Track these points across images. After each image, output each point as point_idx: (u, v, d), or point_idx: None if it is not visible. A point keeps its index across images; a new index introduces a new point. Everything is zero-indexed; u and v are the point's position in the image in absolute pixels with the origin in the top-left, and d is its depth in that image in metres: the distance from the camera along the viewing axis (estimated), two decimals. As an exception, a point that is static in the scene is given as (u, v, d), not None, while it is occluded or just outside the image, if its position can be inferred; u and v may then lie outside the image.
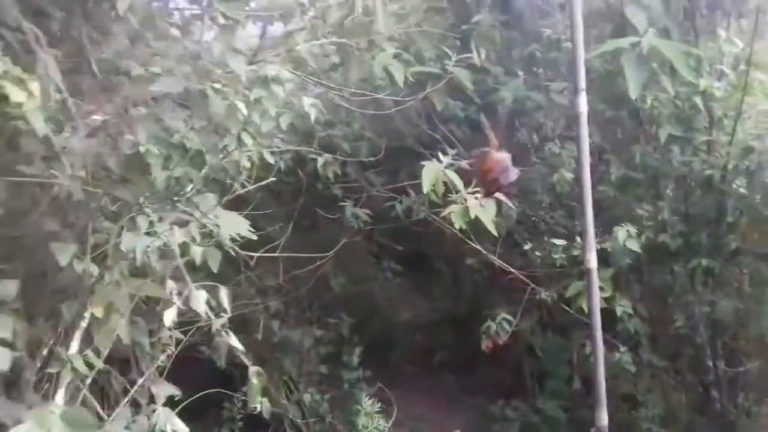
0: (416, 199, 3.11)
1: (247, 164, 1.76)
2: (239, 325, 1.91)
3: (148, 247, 1.48)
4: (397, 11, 2.67)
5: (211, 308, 1.74)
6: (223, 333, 1.64)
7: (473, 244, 3.09)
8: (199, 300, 1.66)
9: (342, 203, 3.20)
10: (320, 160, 2.82)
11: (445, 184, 2.60)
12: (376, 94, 2.64)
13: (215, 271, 1.80)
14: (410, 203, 3.15)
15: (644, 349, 3.14)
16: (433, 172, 2.50)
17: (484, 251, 3.12)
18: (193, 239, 1.54)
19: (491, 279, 3.75)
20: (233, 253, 2.09)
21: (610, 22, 2.76)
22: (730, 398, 3.14)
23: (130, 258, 1.53)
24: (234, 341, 1.66)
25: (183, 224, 1.58)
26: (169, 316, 1.59)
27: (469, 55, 2.67)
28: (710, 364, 3.09)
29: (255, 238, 1.94)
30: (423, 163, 2.53)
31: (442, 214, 2.65)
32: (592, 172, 1.84)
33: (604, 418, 1.90)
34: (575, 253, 2.88)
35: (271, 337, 3.35)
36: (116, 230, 1.65)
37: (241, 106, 1.46)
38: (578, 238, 2.83)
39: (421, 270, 4.23)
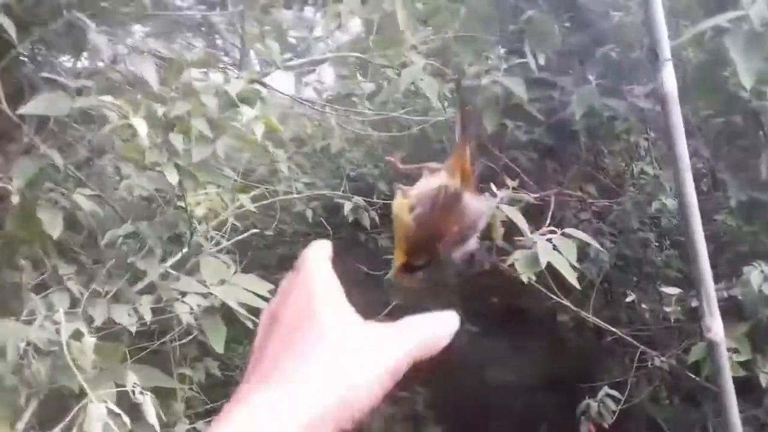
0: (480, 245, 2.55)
1: (201, 212, 1.29)
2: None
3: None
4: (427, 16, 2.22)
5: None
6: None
7: (560, 299, 2.50)
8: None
9: (388, 256, 2.70)
10: (347, 205, 2.36)
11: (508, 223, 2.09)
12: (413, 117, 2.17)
13: (220, 351, 1.47)
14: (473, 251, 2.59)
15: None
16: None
17: (572, 307, 2.51)
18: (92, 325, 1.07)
19: (592, 337, 3.15)
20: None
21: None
22: None
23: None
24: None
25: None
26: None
27: (522, 60, 2.16)
28: None
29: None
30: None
31: (507, 263, 2.12)
32: (705, 199, 1.30)
33: None
34: (695, 304, 2.23)
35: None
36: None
37: (139, 123, 1.00)
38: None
39: (504, 329, 3.65)
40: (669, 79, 1.23)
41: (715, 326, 1.26)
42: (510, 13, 2.54)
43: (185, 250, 1.38)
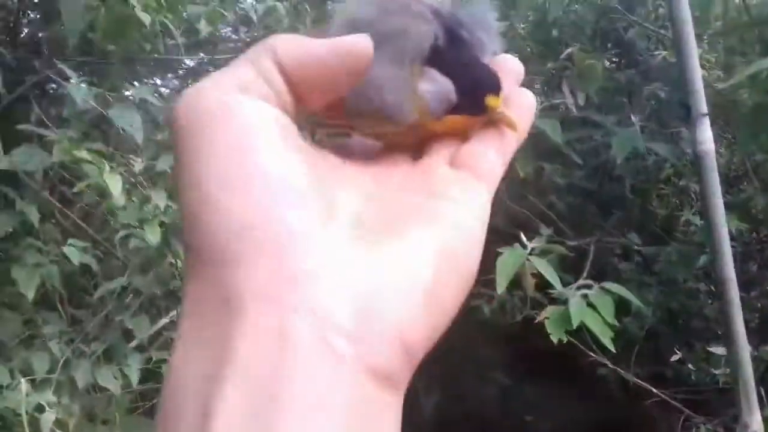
0: (511, 296, 2.43)
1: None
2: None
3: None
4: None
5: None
6: None
7: (597, 356, 2.34)
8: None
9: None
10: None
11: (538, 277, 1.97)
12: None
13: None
14: (504, 301, 2.47)
15: None
16: (512, 263, 1.85)
17: (610, 364, 2.36)
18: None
19: (634, 395, 2.96)
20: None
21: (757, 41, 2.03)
22: None
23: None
24: None
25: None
26: None
27: (559, 101, 2.04)
28: None
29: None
30: (500, 250, 1.90)
31: (537, 320, 1.99)
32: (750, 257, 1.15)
33: None
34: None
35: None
36: None
37: (112, 181, 0.93)
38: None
39: (540, 380, 3.47)
40: (705, 136, 1.10)
41: (755, 424, 1.11)
42: (551, 49, 2.43)
43: (179, 307, 1.31)
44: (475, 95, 0.34)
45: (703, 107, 1.11)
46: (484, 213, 0.32)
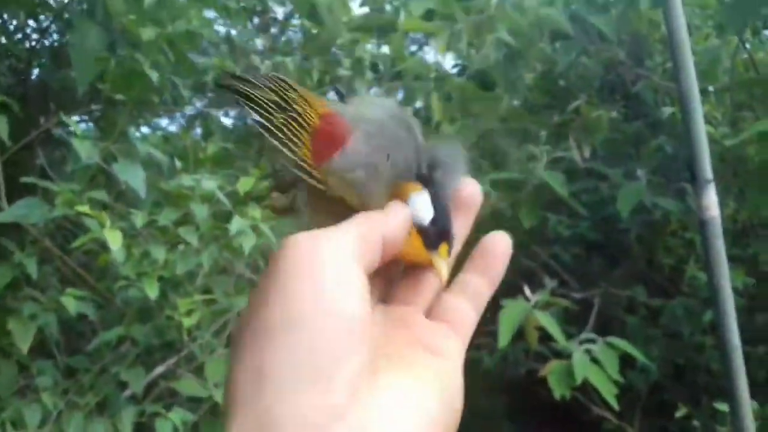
0: (514, 348, 2.40)
1: (193, 320, 1.20)
2: None
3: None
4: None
5: None
6: None
7: (601, 411, 2.31)
8: None
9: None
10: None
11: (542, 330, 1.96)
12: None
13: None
14: (507, 353, 2.44)
15: None
16: (515, 317, 1.84)
17: (614, 420, 2.32)
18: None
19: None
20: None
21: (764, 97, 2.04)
22: None
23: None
24: None
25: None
26: None
27: (564, 154, 2.04)
28: None
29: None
30: (502, 302, 1.89)
31: (540, 374, 1.97)
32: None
33: None
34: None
35: None
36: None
37: (112, 236, 0.93)
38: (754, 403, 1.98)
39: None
40: (710, 202, 1.09)
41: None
42: (558, 100, 2.44)
43: (175, 358, 1.30)
44: (438, 235, 0.39)
45: (708, 174, 1.11)
46: (461, 364, 0.37)
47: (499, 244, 0.41)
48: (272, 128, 0.42)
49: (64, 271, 1.37)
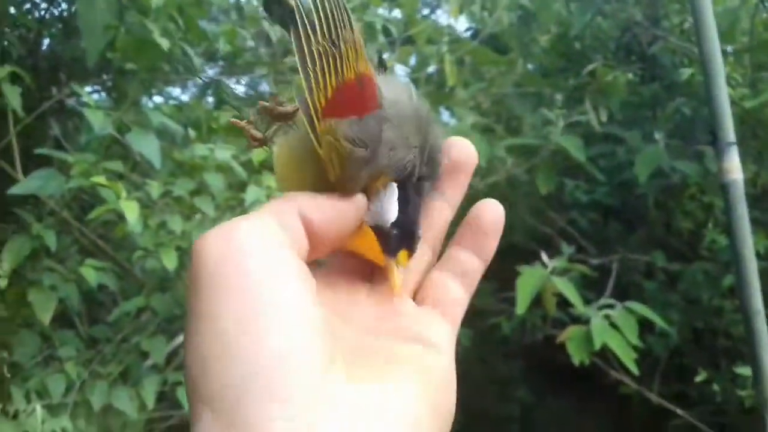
0: (531, 314, 2.39)
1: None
2: None
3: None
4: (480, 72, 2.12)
5: None
6: None
7: (617, 374, 2.31)
8: None
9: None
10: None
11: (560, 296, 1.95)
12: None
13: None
14: (525, 319, 2.44)
15: None
16: (532, 283, 1.83)
17: (633, 384, 2.32)
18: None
19: (659, 415, 2.89)
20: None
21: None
22: None
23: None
24: None
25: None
26: None
27: (580, 118, 2.01)
28: None
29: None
30: (519, 268, 1.88)
31: (558, 340, 1.96)
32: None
33: None
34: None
35: None
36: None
37: (128, 207, 0.93)
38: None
39: (563, 396, 3.42)
40: (733, 165, 1.07)
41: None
42: (572, 64, 2.40)
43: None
44: (399, 239, 0.36)
45: (731, 136, 1.08)
46: (452, 352, 0.35)
47: (491, 215, 0.37)
48: (306, 52, 0.36)
49: (82, 242, 1.38)
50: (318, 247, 0.33)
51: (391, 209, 0.36)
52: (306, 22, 0.37)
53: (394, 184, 0.36)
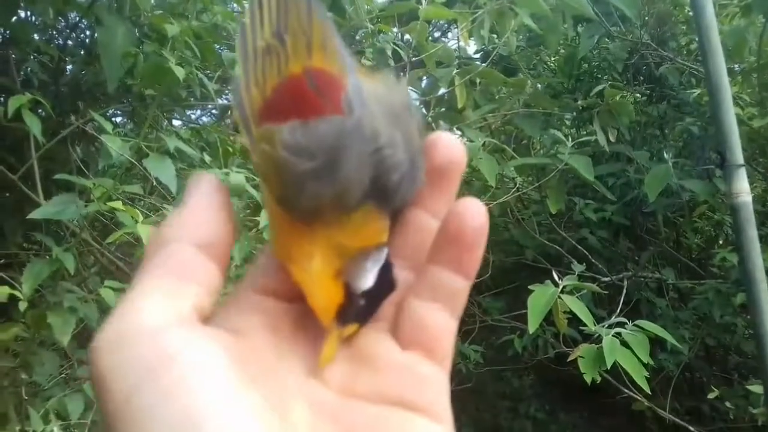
0: (543, 332, 2.38)
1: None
2: None
3: None
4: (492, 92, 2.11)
5: None
6: None
7: (632, 392, 2.28)
8: None
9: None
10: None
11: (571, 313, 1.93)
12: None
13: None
14: (537, 336, 2.42)
15: None
16: (543, 301, 1.82)
17: (646, 402, 2.29)
18: None
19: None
20: None
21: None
22: None
23: None
24: None
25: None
26: None
27: (589, 138, 2.01)
28: None
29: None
30: (532, 287, 1.86)
31: (570, 358, 1.94)
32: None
33: None
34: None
35: None
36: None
37: (143, 231, 0.93)
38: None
39: (575, 410, 3.38)
40: (741, 188, 1.05)
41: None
42: (581, 85, 2.40)
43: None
44: (357, 313, 0.29)
45: (740, 158, 1.07)
46: (446, 412, 0.28)
47: (472, 222, 0.28)
48: (248, 47, 0.30)
49: (103, 263, 1.39)
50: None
51: (370, 276, 0.29)
52: (256, 12, 0.31)
53: (386, 249, 0.29)
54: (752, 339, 2.55)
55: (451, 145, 0.30)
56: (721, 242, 2.53)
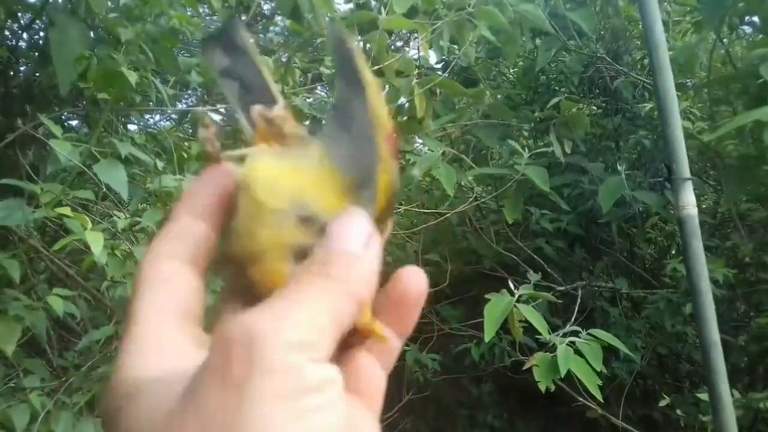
0: (500, 340, 2.40)
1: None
2: None
3: None
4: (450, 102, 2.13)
5: None
6: None
7: (585, 401, 2.31)
8: None
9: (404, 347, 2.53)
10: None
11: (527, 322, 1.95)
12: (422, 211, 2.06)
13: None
14: (494, 344, 2.43)
15: None
16: (499, 310, 1.83)
17: (599, 410, 2.32)
18: None
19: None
20: None
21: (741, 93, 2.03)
22: None
23: None
24: None
25: None
26: None
27: (546, 149, 2.04)
28: None
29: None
30: (488, 296, 1.88)
31: (525, 367, 1.96)
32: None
33: None
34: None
35: None
36: None
37: (93, 238, 0.90)
38: (734, 392, 1.98)
39: (531, 419, 3.40)
40: (687, 200, 1.08)
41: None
42: (538, 96, 2.43)
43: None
44: None
45: (686, 172, 1.10)
46: None
47: (415, 287, 0.31)
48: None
49: (53, 270, 1.35)
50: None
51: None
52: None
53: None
54: (701, 354, 2.61)
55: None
56: (673, 252, 2.59)
